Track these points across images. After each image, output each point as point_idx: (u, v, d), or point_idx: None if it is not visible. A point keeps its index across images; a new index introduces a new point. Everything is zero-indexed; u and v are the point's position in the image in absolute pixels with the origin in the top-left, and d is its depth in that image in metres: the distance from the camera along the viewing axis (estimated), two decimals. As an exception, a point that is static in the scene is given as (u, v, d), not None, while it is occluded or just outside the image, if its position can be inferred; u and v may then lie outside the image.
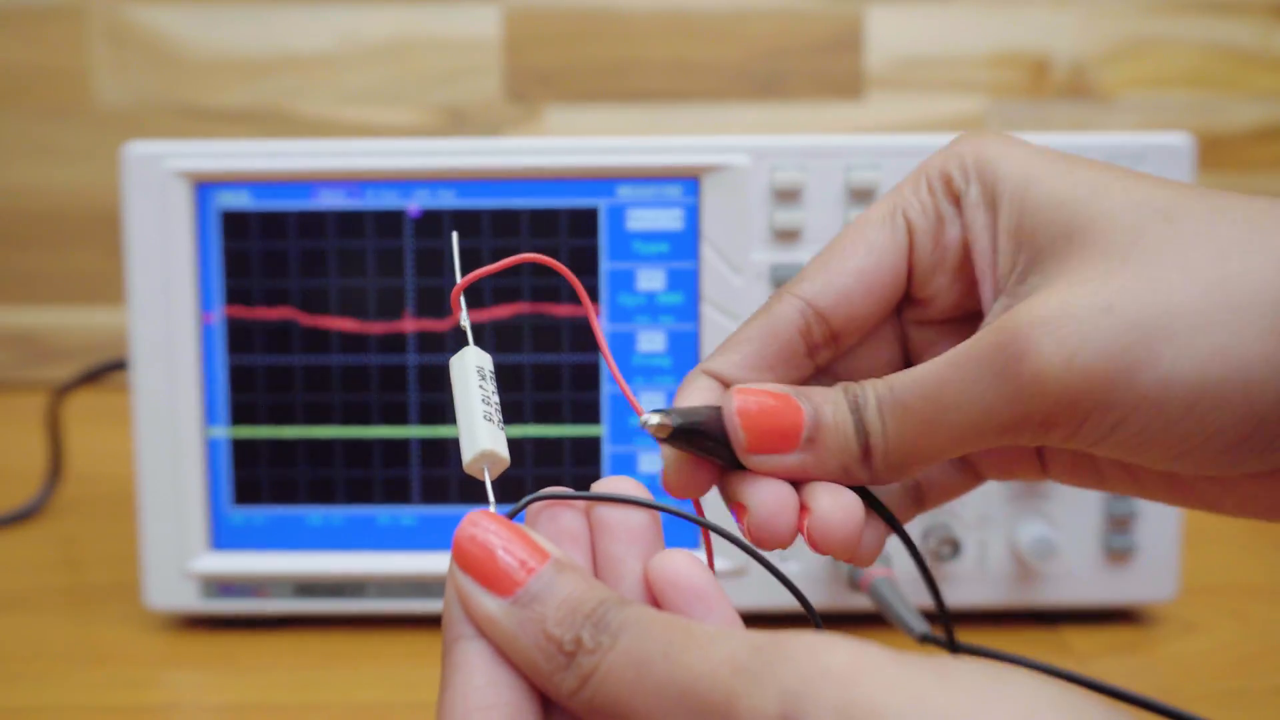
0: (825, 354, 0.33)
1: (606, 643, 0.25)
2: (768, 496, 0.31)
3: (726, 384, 0.32)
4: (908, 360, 0.35)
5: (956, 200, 0.33)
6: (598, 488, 0.30)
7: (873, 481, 0.31)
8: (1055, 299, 0.28)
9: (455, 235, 0.36)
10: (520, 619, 0.27)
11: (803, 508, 0.31)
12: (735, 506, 0.32)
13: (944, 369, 0.29)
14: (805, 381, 0.33)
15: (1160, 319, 0.27)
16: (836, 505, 0.31)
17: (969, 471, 0.35)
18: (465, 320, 0.33)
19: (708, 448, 0.31)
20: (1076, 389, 0.27)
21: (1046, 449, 0.35)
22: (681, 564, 0.28)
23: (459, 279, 0.33)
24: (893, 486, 0.34)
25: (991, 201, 0.32)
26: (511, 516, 0.29)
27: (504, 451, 0.31)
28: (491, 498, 0.30)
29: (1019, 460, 0.35)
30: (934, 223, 0.33)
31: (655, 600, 0.29)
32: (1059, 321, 0.28)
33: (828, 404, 0.31)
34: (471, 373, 0.32)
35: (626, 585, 0.29)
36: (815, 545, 0.31)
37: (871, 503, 0.32)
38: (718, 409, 0.31)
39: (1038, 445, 0.30)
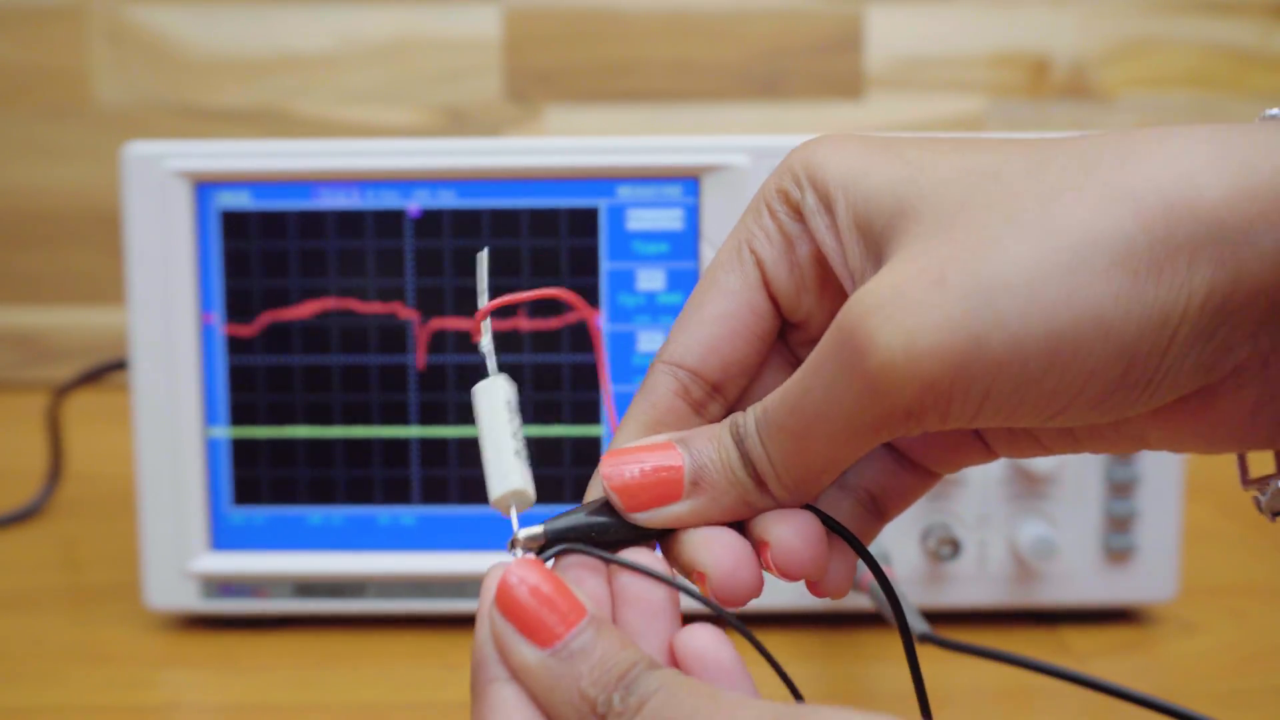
0: (715, 407, 0.33)
1: (634, 704, 0.26)
2: (720, 552, 0.30)
3: None
4: None
5: (799, 214, 0.32)
6: (621, 555, 0.30)
7: (780, 507, 0.30)
8: (885, 282, 0.27)
9: (484, 254, 0.34)
10: (557, 673, 0.27)
11: (761, 545, 0.30)
12: (694, 576, 0.31)
13: (802, 379, 0.28)
14: None
15: (996, 279, 0.25)
16: (791, 529, 0.30)
17: (916, 470, 0.34)
18: (488, 345, 0.32)
19: (604, 536, 0.30)
20: (927, 372, 0.26)
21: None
22: (709, 640, 0.29)
23: (483, 303, 0.32)
24: (845, 507, 0.33)
25: (828, 204, 0.31)
26: (544, 561, 0.30)
27: (532, 491, 0.31)
28: (517, 531, 0.30)
29: (958, 447, 0.33)
30: (782, 246, 0.32)
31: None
32: (892, 306, 0.26)
33: (710, 442, 0.30)
34: (501, 405, 0.31)
35: None
36: (784, 575, 0.30)
37: (824, 520, 0.31)
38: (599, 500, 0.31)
39: (920, 434, 0.29)
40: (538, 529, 0.30)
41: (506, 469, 0.31)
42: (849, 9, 0.98)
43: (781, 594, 0.53)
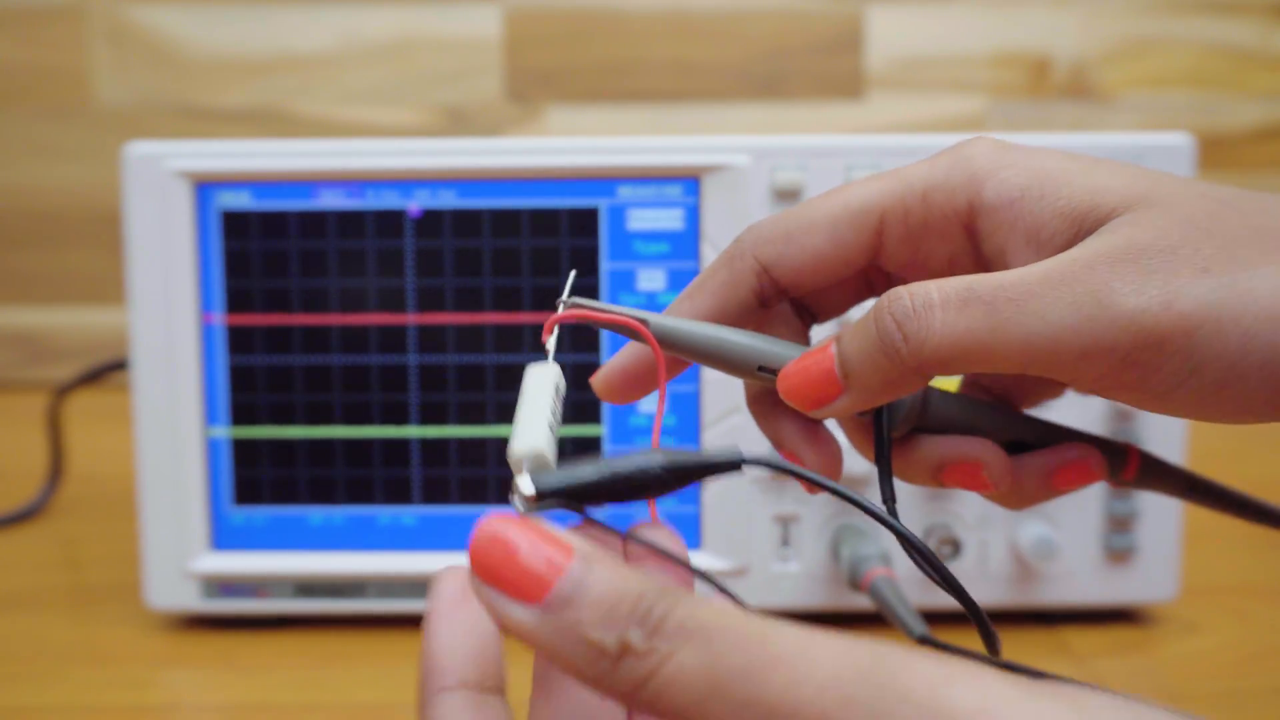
0: (777, 301, 0.35)
1: (663, 649, 0.22)
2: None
3: None
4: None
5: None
6: (636, 530, 0.29)
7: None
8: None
9: (572, 274, 0.39)
10: (555, 627, 0.23)
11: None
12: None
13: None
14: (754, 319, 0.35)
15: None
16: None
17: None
18: (552, 344, 0.33)
19: (599, 491, 0.28)
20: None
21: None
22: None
23: (561, 309, 0.33)
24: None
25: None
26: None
27: (554, 461, 0.29)
28: (524, 488, 0.28)
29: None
30: (916, 232, 0.33)
31: None
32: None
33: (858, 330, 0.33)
34: (550, 384, 0.31)
35: None
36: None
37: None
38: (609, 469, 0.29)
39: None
40: (531, 488, 0.28)
41: (536, 430, 0.29)
42: (849, 9, 0.98)
43: (782, 595, 0.53)
